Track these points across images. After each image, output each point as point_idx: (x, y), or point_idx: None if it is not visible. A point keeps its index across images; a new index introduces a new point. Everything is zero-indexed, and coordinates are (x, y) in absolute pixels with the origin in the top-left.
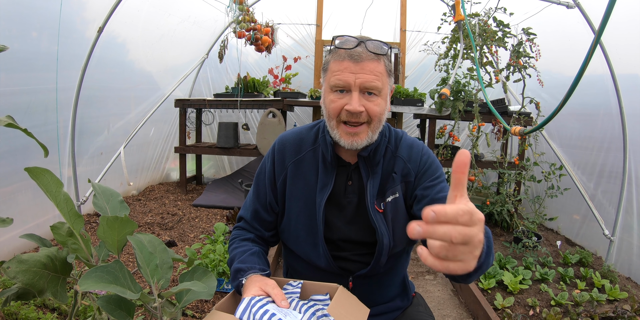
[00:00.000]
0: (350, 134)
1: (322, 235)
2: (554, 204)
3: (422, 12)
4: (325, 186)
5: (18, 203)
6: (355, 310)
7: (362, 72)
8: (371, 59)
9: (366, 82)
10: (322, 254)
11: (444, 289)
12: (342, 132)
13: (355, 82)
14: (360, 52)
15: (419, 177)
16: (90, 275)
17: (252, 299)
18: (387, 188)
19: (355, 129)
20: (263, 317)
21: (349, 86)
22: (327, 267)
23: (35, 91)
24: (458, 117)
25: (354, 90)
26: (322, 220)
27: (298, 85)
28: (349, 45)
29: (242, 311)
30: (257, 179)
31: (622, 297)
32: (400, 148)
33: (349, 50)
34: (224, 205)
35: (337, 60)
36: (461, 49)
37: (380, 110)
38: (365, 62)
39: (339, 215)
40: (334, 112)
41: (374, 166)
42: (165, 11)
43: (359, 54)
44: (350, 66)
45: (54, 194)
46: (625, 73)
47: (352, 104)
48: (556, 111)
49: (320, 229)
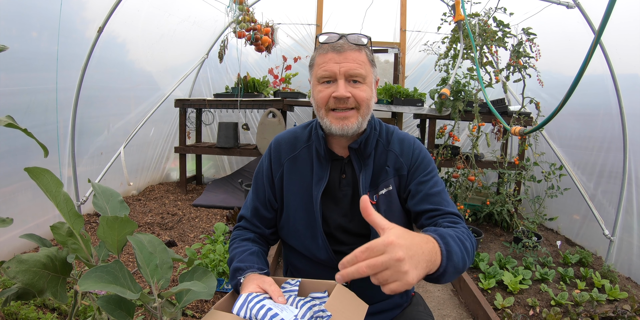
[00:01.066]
0: (340, 118)
1: (320, 227)
2: (554, 204)
3: (422, 12)
4: (321, 180)
5: (18, 203)
6: (353, 306)
7: (345, 61)
8: (353, 49)
9: (350, 69)
10: (322, 245)
11: (444, 289)
12: (332, 118)
13: (340, 71)
14: (342, 43)
15: (412, 172)
16: (90, 275)
17: (249, 295)
18: (379, 181)
19: (344, 114)
20: (259, 311)
21: (334, 75)
22: (327, 259)
23: (35, 91)
24: (458, 117)
25: (340, 78)
26: (320, 212)
27: (298, 85)
28: (332, 39)
29: (239, 307)
30: (255, 178)
31: (622, 297)
32: (392, 142)
33: (332, 43)
34: (224, 205)
35: (321, 54)
36: (461, 49)
37: (366, 96)
38: (348, 52)
39: (335, 208)
40: (322, 101)
41: (365, 158)
42: (165, 11)
43: (341, 45)
44: (334, 57)
45: (54, 194)
46: (625, 73)
47: (338, 90)
48: (556, 111)
49: (319, 221)
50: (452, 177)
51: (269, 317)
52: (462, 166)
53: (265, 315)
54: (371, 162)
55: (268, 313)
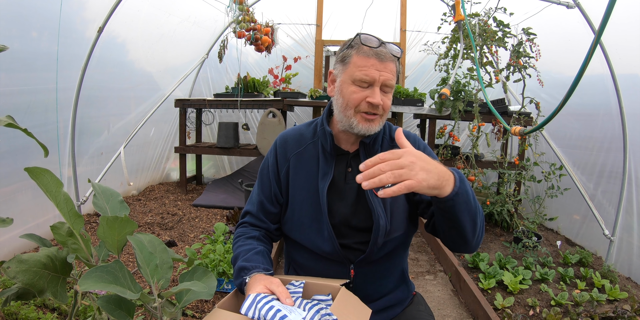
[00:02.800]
0: (368, 120)
1: (327, 219)
2: (554, 204)
3: (422, 12)
4: (326, 174)
5: (18, 203)
6: (357, 310)
7: (385, 71)
8: (391, 60)
9: (387, 80)
10: (328, 237)
11: (444, 289)
12: (360, 118)
13: (379, 79)
14: (385, 52)
15: None
16: (90, 275)
17: (258, 296)
18: None
19: (373, 117)
20: (268, 312)
21: (373, 81)
22: (332, 252)
23: (35, 91)
24: (458, 117)
25: (376, 86)
26: (326, 204)
27: (298, 85)
28: (374, 44)
29: (248, 307)
30: (260, 173)
31: (622, 297)
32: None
33: (375, 48)
34: (224, 205)
35: (363, 56)
36: (461, 49)
37: (390, 105)
38: (388, 62)
39: (340, 202)
40: (354, 102)
41: (372, 153)
42: (165, 11)
43: (384, 54)
44: (377, 64)
45: (54, 194)
46: (625, 73)
47: (375, 97)
48: (556, 111)
49: (325, 213)
50: None
51: (278, 318)
52: (462, 166)
53: (275, 316)
54: None
55: (277, 314)
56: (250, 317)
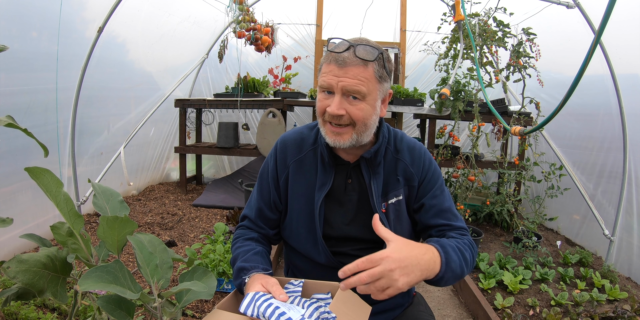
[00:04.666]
0: (334, 133)
1: (320, 233)
2: (554, 204)
3: (422, 12)
4: (324, 185)
5: (18, 203)
6: (357, 308)
7: (345, 76)
8: (356, 64)
9: (348, 86)
10: (322, 250)
11: (444, 289)
12: (327, 130)
13: (338, 85)
14: (345, 57)
15: (423, 185)
16: (90, 275)
17: (256, 294)
18: (389, 189)
19: (338, 129)
20: (267, 310)
21: (332, 88)
22: (327, 262)
23: (35, 91)
24: (458, 117)
25: (337, 93)
26: (321, 217)
27: (298, 85)
28: (339, 49)
29: (247, 305)
30: (260, 178)
31: (622, 297)
32: (402, 151)
33: (337, 54)
34: (224, 205)
35: (325, 63)
36: (461, 49)
37: (363, 115)
38: (349, 68)
39: (339, 213)
40: (320, 111)
41: (375, 166)
42: (165, 11)
43: (344, 59)
44: (335, 70)
45: (54, 194)
46: (625, 73)
47: (331, 106)
48: (556, 111)
49: (319, 227)
50: (452, 177)
51: (277, 315)
52: (462, 166)
53: (273, 313)
54: (381, 171)
55: (276, 311)
56: (250, 315)
